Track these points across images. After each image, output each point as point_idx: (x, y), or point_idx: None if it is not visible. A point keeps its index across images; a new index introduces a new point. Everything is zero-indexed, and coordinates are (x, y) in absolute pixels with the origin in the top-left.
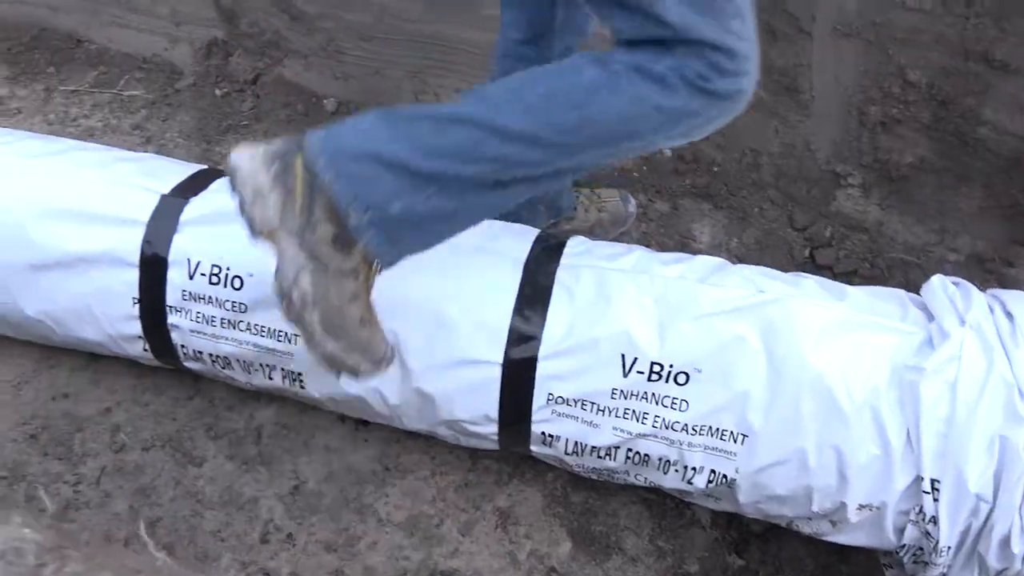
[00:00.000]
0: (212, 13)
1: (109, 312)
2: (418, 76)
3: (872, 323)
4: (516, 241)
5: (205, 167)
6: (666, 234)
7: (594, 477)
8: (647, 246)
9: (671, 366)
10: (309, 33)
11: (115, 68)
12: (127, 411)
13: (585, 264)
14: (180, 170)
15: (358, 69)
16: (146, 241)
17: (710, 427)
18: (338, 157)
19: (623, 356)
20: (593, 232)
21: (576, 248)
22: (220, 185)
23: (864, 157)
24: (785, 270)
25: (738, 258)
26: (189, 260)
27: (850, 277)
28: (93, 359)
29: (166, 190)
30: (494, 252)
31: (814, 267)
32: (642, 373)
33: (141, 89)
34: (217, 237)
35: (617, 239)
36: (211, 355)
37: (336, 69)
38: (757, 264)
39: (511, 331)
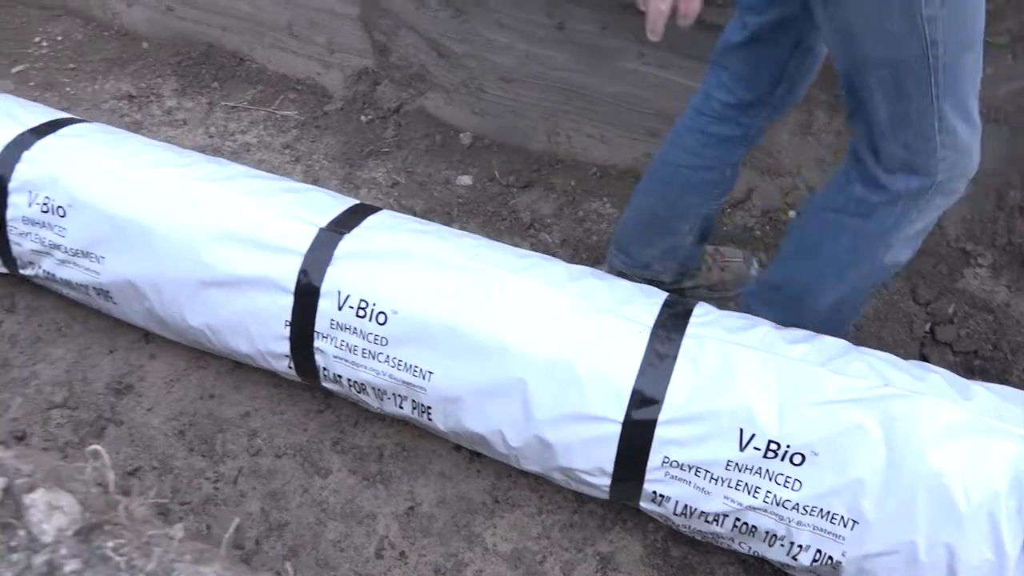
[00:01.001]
0: (366, 45)
1: (262, 330)
2: (553, 119)
3: (997, 428)
4: (644, 305)
5: (358, 202)
6: None
7: (698, 538)
8: None
9: (788, 446)
10: (453, 70)
11: (272, 88)
12: (264, 418)
13: (711, 336)
14: (336, 204)
15: (496, 107)
16: (303, 271)
17: (821, 509)
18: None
19: (741, 430)
20: (714, 289)
21: (703, 317)
22: (372, 222)
23: (998, 239)
24: (904, 343)
25: (857, 327)
26: (339, 292)
27: (970, 357)
28: (237, 365)
29: (323, 223)
30: (623, 316)
31: (933, 343)
32: (759, 449)
33: (294, 110)
34: (367, 274)
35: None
36: (349, 380)
37: (475, 105)
38: (876, 334)
39: (634, 393)
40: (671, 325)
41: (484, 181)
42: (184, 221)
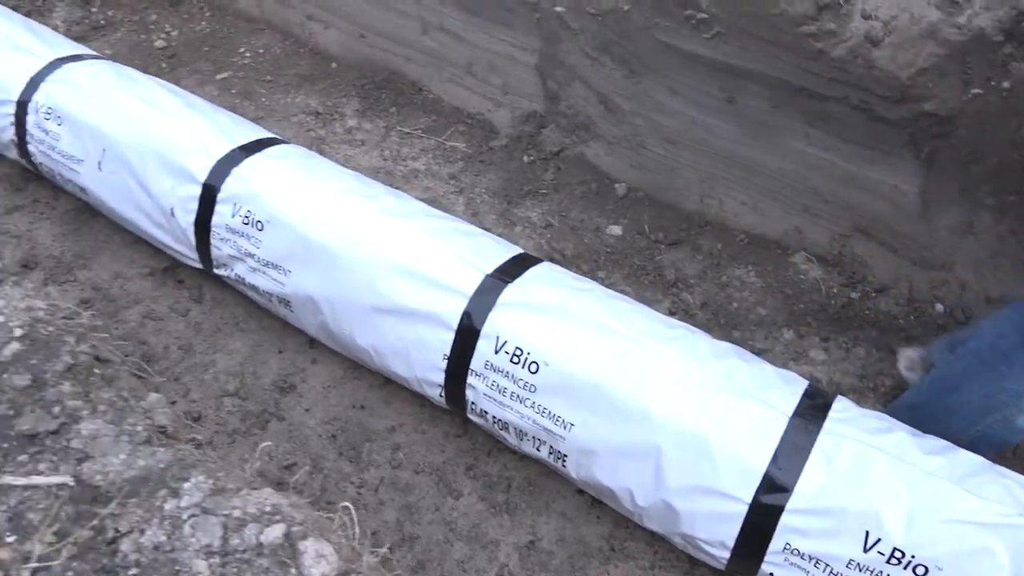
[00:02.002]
0: (538, 91)
1: (422, 359)
2: (708, 183)
3: None
4: (784, 393)
5: (521, 252)
6: None
7: None
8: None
9: (912, 556)
10: (618, 124)
11: (444, 119)
12: (407, 435)
13: (847, 434)
14: (501, 251)
15: (655, 164)
16: (466, 312)
17: None
18: None
19: (867, 533)
20: None
21: (841, 413)
22: (534, 274)
23: None
24: None
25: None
26: (498, 337)
27: None
28: (387, 380)
29: (489, 269)
30: (763, 400)
31: None
32: (882, 554)
33: (462, 142)
34: (525, 323)
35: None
36: (494, 417)
37: (634, 159)
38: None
39: (765, 477)
40: (809, 417)
41: (633, 233)
42: (366, 250)
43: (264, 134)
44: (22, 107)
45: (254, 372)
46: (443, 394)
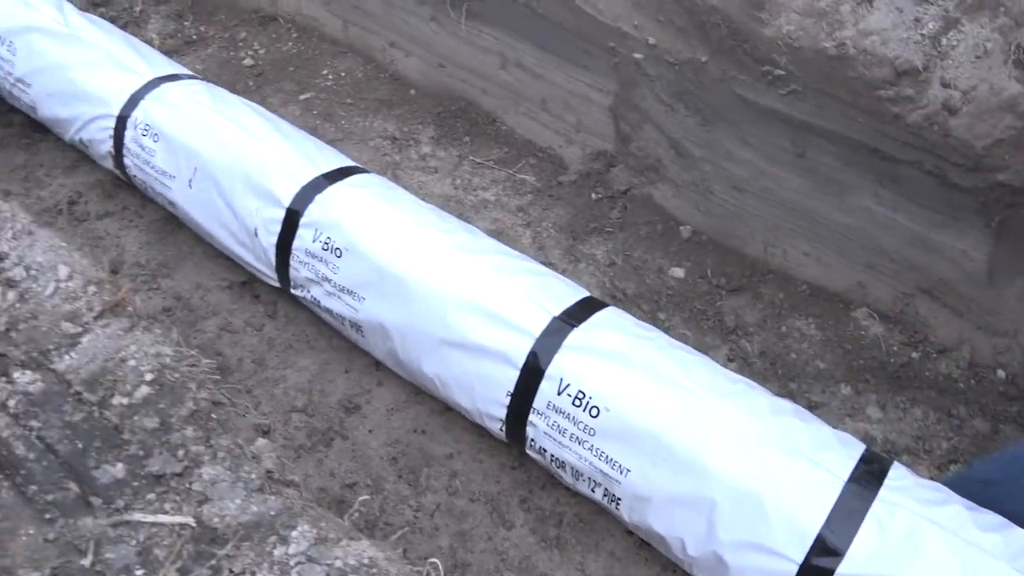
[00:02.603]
0: (610, 131)
1: (485, 393)
2: (773, 232)
3: None
4: (841, 457)
5: (588, 295)
6: (979, 456)
7: None
8: (955, 461)
9: None
10: (687, 169)
11: (515, 151)
12: (464, 462)
13: (902, 503)
14: (568, 293)
15: (721, 210)
16: (532, 352)
17: None
18: None
19: None
20: None
21: (897, 481)
22: (600, 319)
23: None
24: None
25: None
26: (562, 379)
27: None
28: (447, 407)
29: (557, 311)
30: (819, 463)
31: None
32: None
33: (532, 175)
34: (589, 368)
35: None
36: (552, 455)
37: (700, 203)
38: None
39: (817, 539)
40: (865, 483)
41: (696, 277)
42: (439, 284)
43: (347, 162)
44: (121, 122)
45: (322, 390)
46: (504, 428)
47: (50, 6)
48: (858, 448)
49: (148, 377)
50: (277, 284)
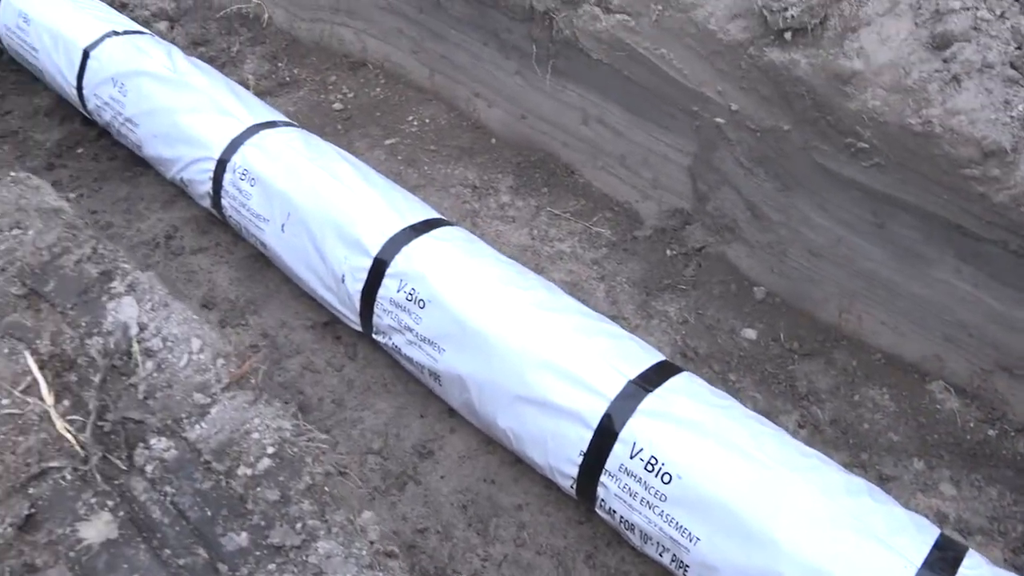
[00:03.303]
0: (687, 190)
1: (558, 451)
2: (849, 298)
3: None
4: (915, 542)
5: (664, 359)
6: None
7: None
8: None
9: None
10: (763, 232)
11: (592, 203)
12: (532, 514)
13: None
14: (644, 356)
15: (796, 273)
16: (607, 414)
17: None
18: None
19: None
20: None
21: (972, 570)
22: (675, 384)
23: None
24: None
25: None
26: (635, 443)
27: None
28: (518, 458)
29: (632, 375)
30: (892, 547)
31: None
32: None
33: (607, 228)
34: (662, 434)
35: None
36: (622, 517)
37: (775, 266)
38: None
39: None
40: (938, 570)
41: (768, 339)
42: (518, 341)
43: (432, 214)
44: (221, 165)
45: (397, 434)
46: (574, 486)
47: (161, 52)
48: (932, 533)
49: (270, 450)
50: (359, 329)
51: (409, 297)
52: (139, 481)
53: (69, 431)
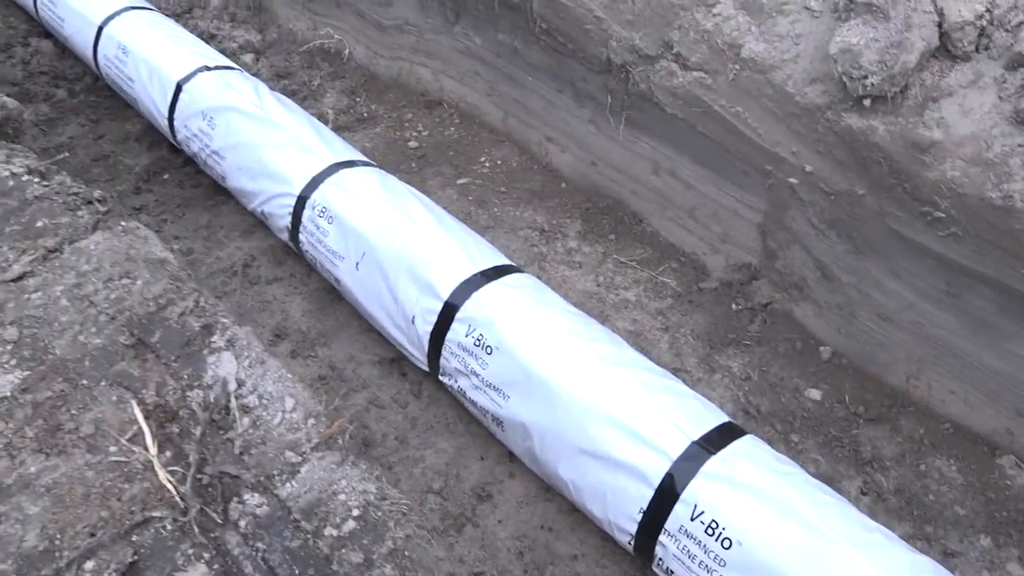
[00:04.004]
0: (756, 246)
1: (618, 506)
2: (918, 365)
3: None
4: None
5: (728, 420)
6: None
7: None
8: None
9: None
10: (832, 292)
11: (659, 253)
12: (588, 566)
13: None
14: (708, 416)
15: (863, 335)
16: (668, 474)
17: None
18: None
19: None
20: None
21: None
22: (739, 448)
23: None
24: None
25: None
26: (696, 505)
27: None
28: (575, 507)
29: (696, 435)
30: None
31: None
32: None
33: (673, 279)
34: (724, 498)
35: None
36: None
37: (843, 327)
38: None
39: None
40: None
41: (833, 401)
42: (583, 394)
43: (502, 260)
44: (301, 202)
45: (457, 475)
46: (632, 543)
47: (249, 88)
48: None
49: (355, 512)
50: (426, 368)
51: (477, 342)
52: (233, 535)
53: (171, 482)
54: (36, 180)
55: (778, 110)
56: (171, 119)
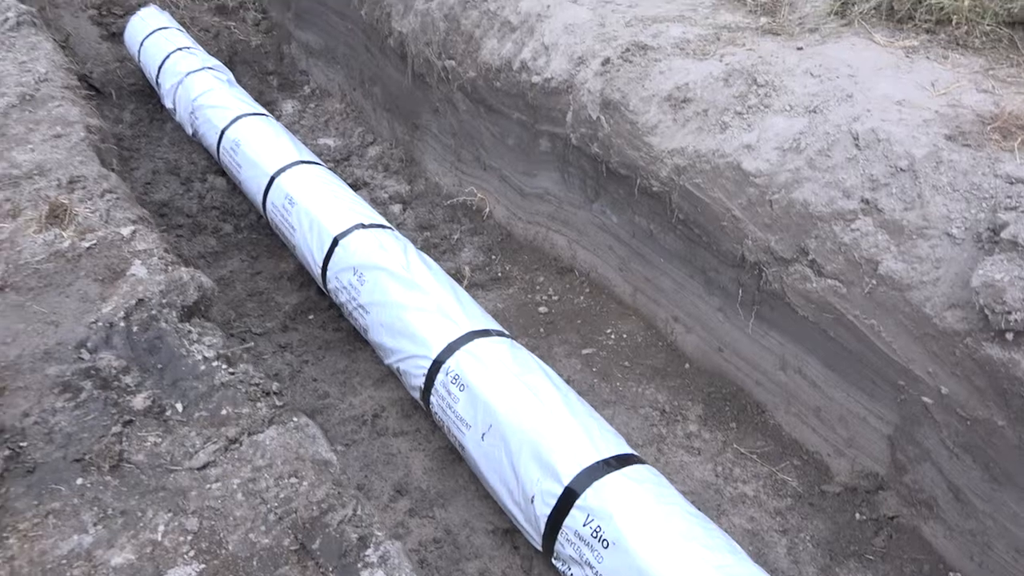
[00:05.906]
0: (884, 456)
1: None
2: None
3: None
4: None
5: None
6: None
7: None
8: None
9: None
10: (966, 517)
11: (780, 448)
12: None
13: None
14: None
15: (1001, 568)
16: None
17: None
18: None
19: None
20: None
21: None
22: None
23: None
24: None
25: None
26: None
27: None
28: None
29: None
30: None
31: None
32: None
33: (794, 477)
34: None
35: None
36: None
37: (976, 555)
38: None
39: None
40: None
41: None
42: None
43: (625, 448)
44: (436, 365)
45: None
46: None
47: (399, 250)
48: None
49: None
50: (538, 548)
51: (594, 534)
52: None
53: None
54: (224, 367)
55: (914, 328)
56: (324, 269)
